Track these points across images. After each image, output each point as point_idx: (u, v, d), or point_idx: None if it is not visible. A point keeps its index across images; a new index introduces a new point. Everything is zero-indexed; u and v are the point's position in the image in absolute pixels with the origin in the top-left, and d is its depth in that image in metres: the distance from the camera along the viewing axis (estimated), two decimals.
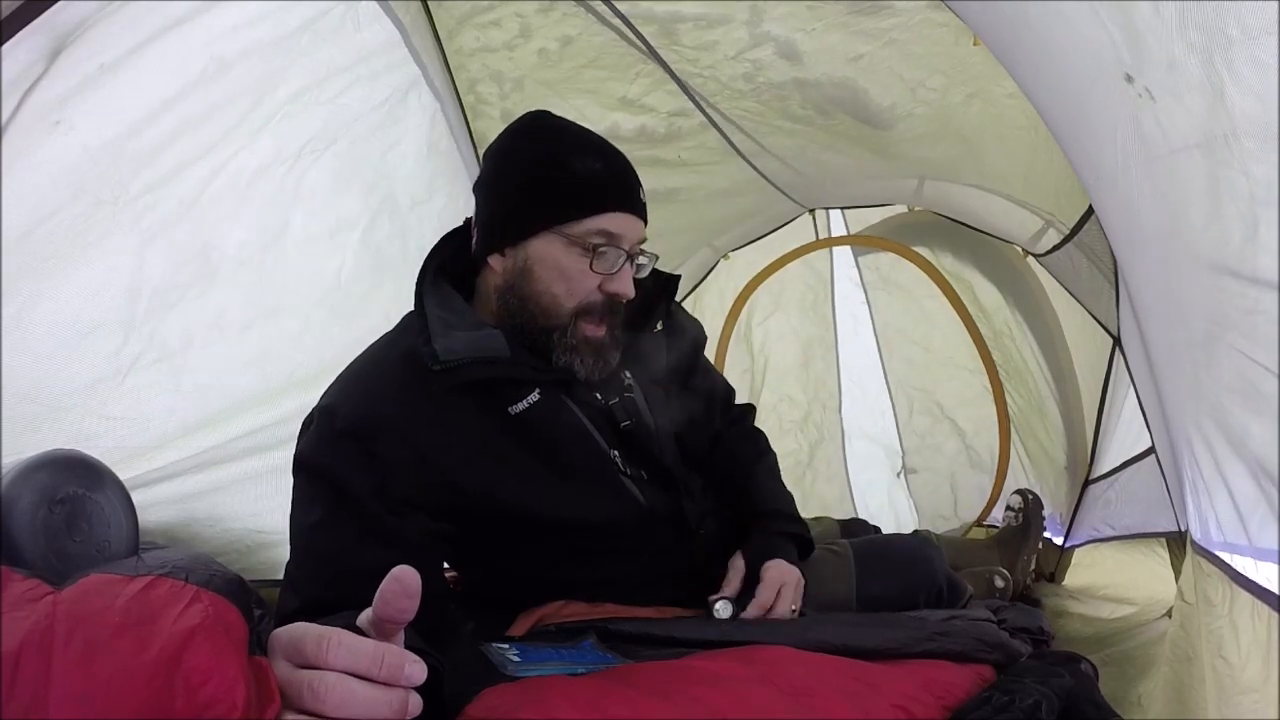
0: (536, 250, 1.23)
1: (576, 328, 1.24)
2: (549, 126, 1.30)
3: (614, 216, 1.22)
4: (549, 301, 1.23)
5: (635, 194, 1.27)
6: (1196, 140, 0.83)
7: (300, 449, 1.19)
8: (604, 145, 1.29)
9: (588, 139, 1.29)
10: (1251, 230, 0.81)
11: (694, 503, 1.41)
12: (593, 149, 1.27)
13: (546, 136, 1.29)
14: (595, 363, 1.25)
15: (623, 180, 1.26)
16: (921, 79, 1.86)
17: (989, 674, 1.11)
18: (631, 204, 1.25)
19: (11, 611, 0.70)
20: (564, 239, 1.21)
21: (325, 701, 0.65)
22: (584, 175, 1.22)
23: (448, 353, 1.18)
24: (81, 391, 1.42)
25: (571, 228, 1.21)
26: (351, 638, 0.67)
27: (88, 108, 1.31)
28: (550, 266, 1.22)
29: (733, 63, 1.94)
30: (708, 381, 1.59)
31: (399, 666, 0.67)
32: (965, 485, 3.10)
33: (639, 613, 1.28)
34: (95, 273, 1.41)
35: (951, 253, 2.98)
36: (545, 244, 1.22)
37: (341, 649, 0.66)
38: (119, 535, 1.32)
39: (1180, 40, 0.77)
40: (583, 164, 1.23)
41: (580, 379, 1.26)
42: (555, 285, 1.22)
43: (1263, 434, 0.92)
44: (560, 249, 1.22)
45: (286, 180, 1.70)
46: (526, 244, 1.23)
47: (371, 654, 0.67)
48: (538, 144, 1.28)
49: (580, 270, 1.22)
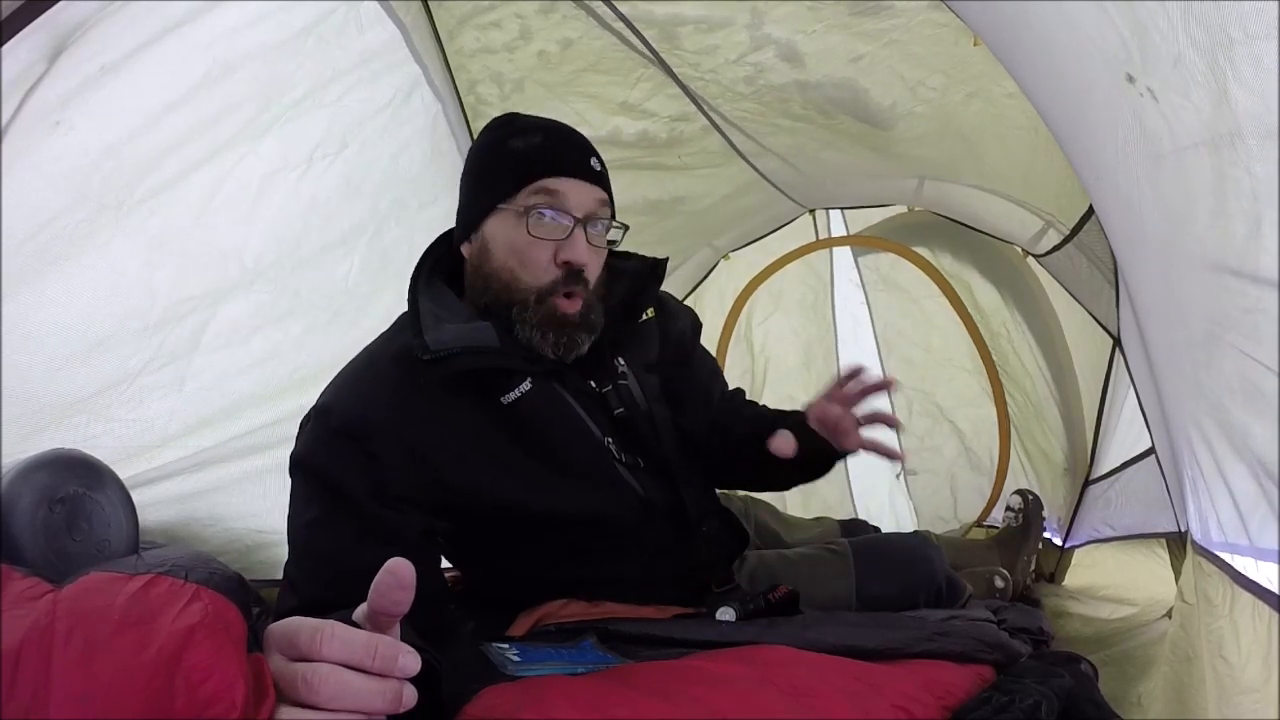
0: (490, 230, 1.26)
1: (541, 304, 1.24)
2: (503, 120, 1.34)
3: (552, 181, 1.23)
4: (508, 277, 1.25)
5: (579, 161, 1.27)
6: (1203, 138, 0.83)
7: (297, 449, 1.19)
8: (549, 124, 1.32)
9: (534, 122, 1.32)
10: (1254, 229, 0.81)
11: (693, 495, 1.40)
12: (535, 128, 1.30)
13: (496, 127, 1.33)
14: (559, 340, 1.24)
15: (562, 148, 1.28)
16: (921, 79, 1.86)
17: (989, 674, 1.11)
18: (573, 169, 1.26)
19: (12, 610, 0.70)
20: (511, 213, 1.24)
21: (319, 693, 0.65)
22: (522, 149, 1.26)
23: (437, 343, 1.19)
24: (87, 399, 1.42)
25: (512, 201, 1.24)
26: (345, 629, 0.68)
27: (89, 108, 1.30)
28: (502, 243, 1.25)
29: (734, 66, 1.94)
30: (705, 366, 1.59)
31: (392, 657, 0.67)
32: (965, 487, 3.10)
33: (639, 612, 1.28)
34: (102, 279, 1.41)
35: (951, 253, 2.98)
36: (496, 222, 1.26)
37: (335, 640, 0.67)
38: (119, 534, 1.32)
39: (1185, 37, 0.77)
40: (522, 140, 1.27)
41: (551, 358, 1.25)
42: (509, 260, 1.25)
43: (1264, 433, 0.92)
44: (510, 224, 1.24)
45: (300, 186, 1.71)
46: (482, 227, 1.27)
47: (365, 645, 0.67)
48: (488, 135, 1.33)
49: (528, 241, 1.23)
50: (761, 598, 1.31)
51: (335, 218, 1.82)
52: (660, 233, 2.61)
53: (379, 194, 1.90)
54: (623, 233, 1.32)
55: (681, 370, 1.50)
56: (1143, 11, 0.81)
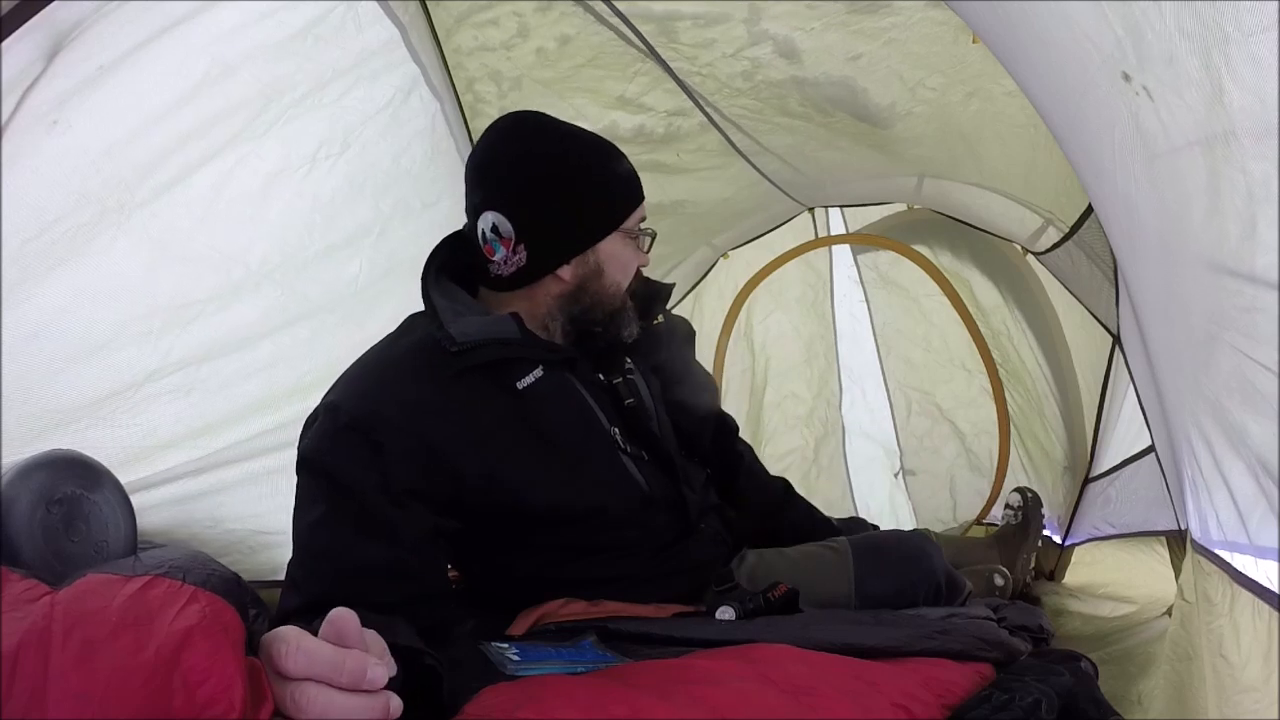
0: (607, 251, 1.35)
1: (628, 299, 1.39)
2: (567, 133, 1.37)
3: (643, 204, 1.39)
4: (615, 290, 1.37)
5: None
6: (1197, 137, 0.83)
7: (303, 447, 1.19)
8: (613, 145, 1.41)
9: (607, 143, 1.40)
10: (1250, 228, 0.81)
11: (693, 492, 1.44)
12: (615, 151, 1.39)
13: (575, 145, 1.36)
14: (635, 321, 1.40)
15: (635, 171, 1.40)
16: (921, 78, 1.86)
17: (989, 672, 1.10)
18: None
19: (9, 611, 0.70)
20: (623, 235, 1.36)
21: (306, 712, 0.67)
22: (625, 176, 1.37)
23: (463, 335, 1.24)
24: (90, 405, 1.42)
25: (627, 224, 1.36)
26: (312, 643, 0.68)
27: (87, 108, 1.31)
28: (618, 262, 1.36)
29: (731, 60, 1.94)
30: (702, 376, 1.73)
31: (360, 671, 0.68)
32: (964, 488, 3.10)
33: (639, 611, 1.28)
34: (105, 283, 1.41)
35: (951, 251, 2.98)
36: (612, 244, 1.35)
37: (300, 654, 0.68)
38: (117, 535, 1.32)
39: (1179, 35, 0.77)
40: (621, 166, 1.38)
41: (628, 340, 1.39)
42: (619, 275, 1.37)
43: (1262, 432, 0.92)
44: (622, 244, 1.36)
45: (303, 188, 1.71)
46: (598, 249, 1.34)
47: (330, 660, 0.68)
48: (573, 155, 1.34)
49: (635, 257, 1.39)
50: (761, 596, 1.31)
51: (339, 219, 1.82)
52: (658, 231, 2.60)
53: (382, 194, 1.91)
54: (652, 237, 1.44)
55: (684, 377, 1.61)
56: (1137, 9, 0.81)
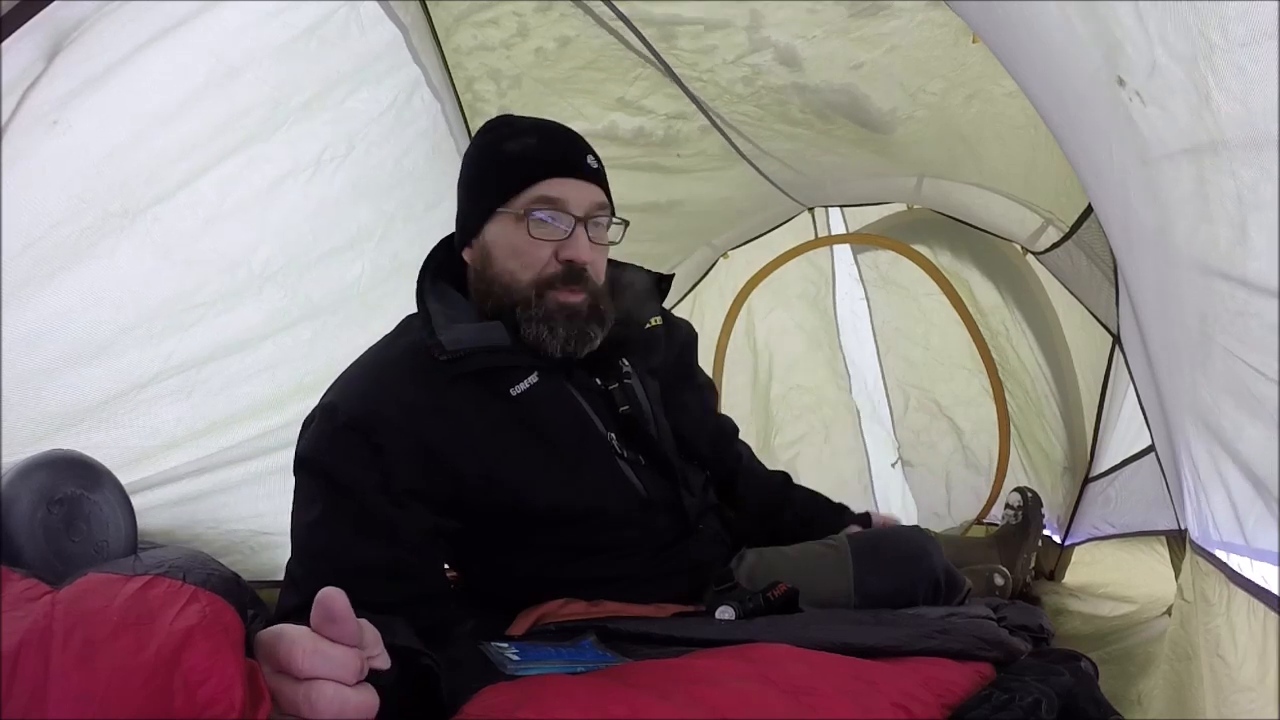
0: (491, 234, 1.28)
1: (542, 299, 1.25)
2: (499, 122, 1.36)
3: (551, 183, 1.25)
4: (508, 279, 1.26)
5: (576, 161, 1.28)
6: (1182, 146, 0.83)
7: (301, 447, 1.19)
8: (544, 124, 1.33)
9: (527, 123, 1.33)
10: (1240, 233, 0.81)
11: (692, 495, 1.43)
12: (529, 130, 1.31)
13: (491, 130, 1.34)
14: (570, 332, 1.25)
15: (559, 149, 1.29)
16: (922, 84, 1.86)
17: (989, 672, 1.10)
18: (571, 169, 1.27)
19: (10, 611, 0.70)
20: (509, 217, 1.25)
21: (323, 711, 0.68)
22: (517, 152, 1.27)
23: (453, 343, 1.22)
24: (93, 408, 1.42)
25: (511, 204, 1.25)
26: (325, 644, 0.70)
27: (89, 109, 1.31)
28: (503, 246, 1.26)
29: (732, 66, 1.94)
30: (702, 378, 1.68)
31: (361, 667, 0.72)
32: (960, 485, 3.10)
33: (639, 611, 1.28)
34: (108, 286, 1.41)
35: (951, 251, 2.98)
36: (496, 226, 1.27)
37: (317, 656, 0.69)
38: (117, 535, 1.32)
39: (1160, 45, 0.77)
40: (517, 144, 1.28)
41: (557, 353, 1.26)
42: (510, 262, 1.26)
43: (1256, 434, 0.92)
44: (509, 227, 1.26)
45: (308, 190, 1.72)
46: (483, 232, 1.28)
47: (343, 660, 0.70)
48: (483, 138, 1.34)
49: (528, 242, 1.25)
50: (761, 596, 1.31)
51: (343, 221, 1.82)
52: (659, 232, 2.61)
53: (385, 196, 1.91)
54: (623, 229, 1.33)
55: (684, 381, 1.57)
56: (1128, 16, 0.81)
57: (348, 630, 0.70)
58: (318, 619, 0.69)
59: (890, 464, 3.23)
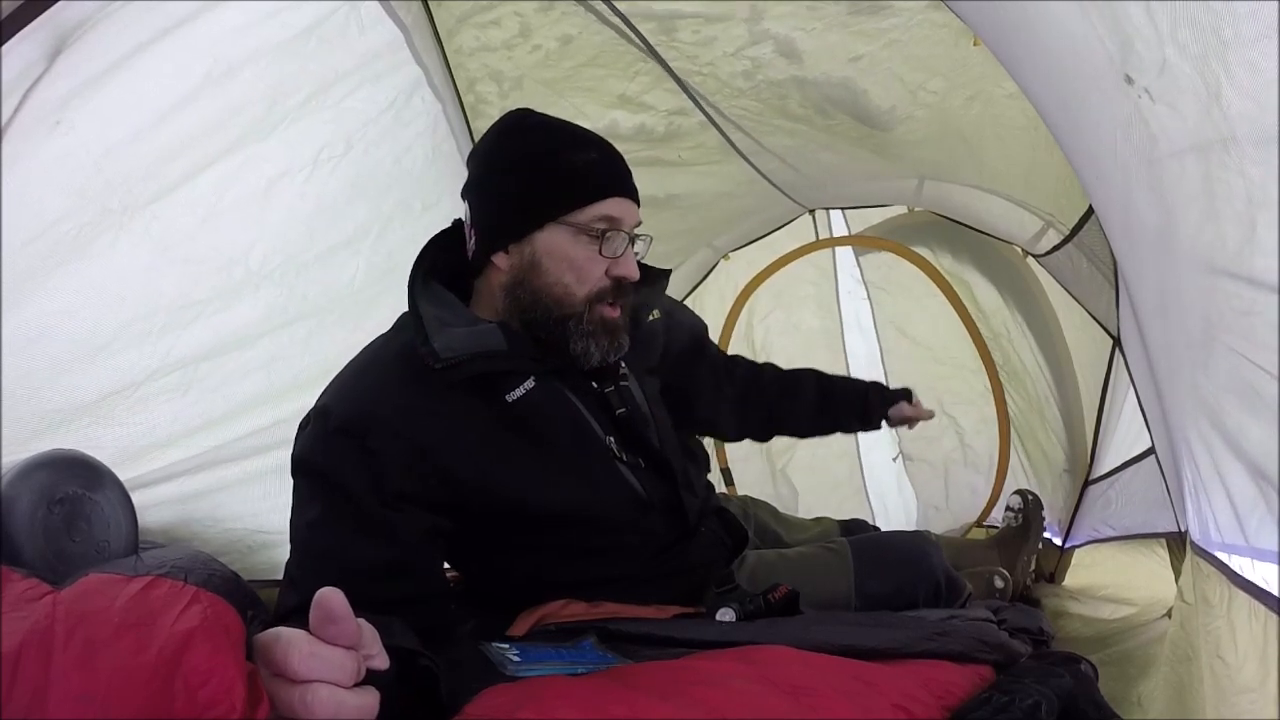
0: (544, 243, 1.25)
1: (592, 312, 1.26)
2: (538, 124, 1.33)
3: (614, 202, 1.26)
4: (561, 291, 1.25)
5: (629, 180, 1.32)
6: (1190, 144, 0.83)
7: (297, 449, 1.19)
8: (594, 136, 1.33)
9: (579, 132, 1.33)
10: (1249, 232, 0.81)
11: (693, 496, 1.42)
12: (585, 141, 1.31)
13: (538, 133, 1.31)
14: (610, 344, 1.28)
15: (617, 167, 1.31)
16: (921, 82, 1.86)
17: (989, 674, 1.11)
18: (627, 189, 1.30)
19: (11, 611, 0.70)
20: (570, 228, 1.24)
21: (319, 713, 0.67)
22: (583, 165, 1.26)
23: (447, 350, 1.20)
24: (91, 404, 1.42)
25: (576, 216, 1.24)
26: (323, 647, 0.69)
27: (90, 109, 1.30)
28: (559, 257, 1.25)
29: (731, 59, 1.94)
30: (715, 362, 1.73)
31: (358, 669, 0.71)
32: (958, 483, 3.10)
33: (639, 612, 1.28)
34: (107, 284, 1.41)
35: (951, 253, 2.98)
36: (551, 235, 1.25)
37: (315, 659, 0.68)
38: (118, 535, 1.32)
39: (1171, 43, 0.77)
40: (579, 155, 1.27)
41: (595, 364, 1.28)
42: (566, 275, 1.25)
43: (1260, 435, 0.92)
44: (567, 239, 1.25)
45: (306, 189, 1.71)
46: (532, 238, 1.25)
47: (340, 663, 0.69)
48: (531, 140, 1.30)
49: (588, 257, 1.25)
50: (761, 598, 1.32)
51: (341, 220, 1.82)
52: (658, 232, 2.59)
53: (383, 196, 1.91)
54: (648, 244, 1.35)
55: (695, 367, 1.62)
56: (1138, 14, 0.81)
57: (347, 630, 0.70)
58: (316, 619, 0.69)
59: (891, 458, 3.23)
